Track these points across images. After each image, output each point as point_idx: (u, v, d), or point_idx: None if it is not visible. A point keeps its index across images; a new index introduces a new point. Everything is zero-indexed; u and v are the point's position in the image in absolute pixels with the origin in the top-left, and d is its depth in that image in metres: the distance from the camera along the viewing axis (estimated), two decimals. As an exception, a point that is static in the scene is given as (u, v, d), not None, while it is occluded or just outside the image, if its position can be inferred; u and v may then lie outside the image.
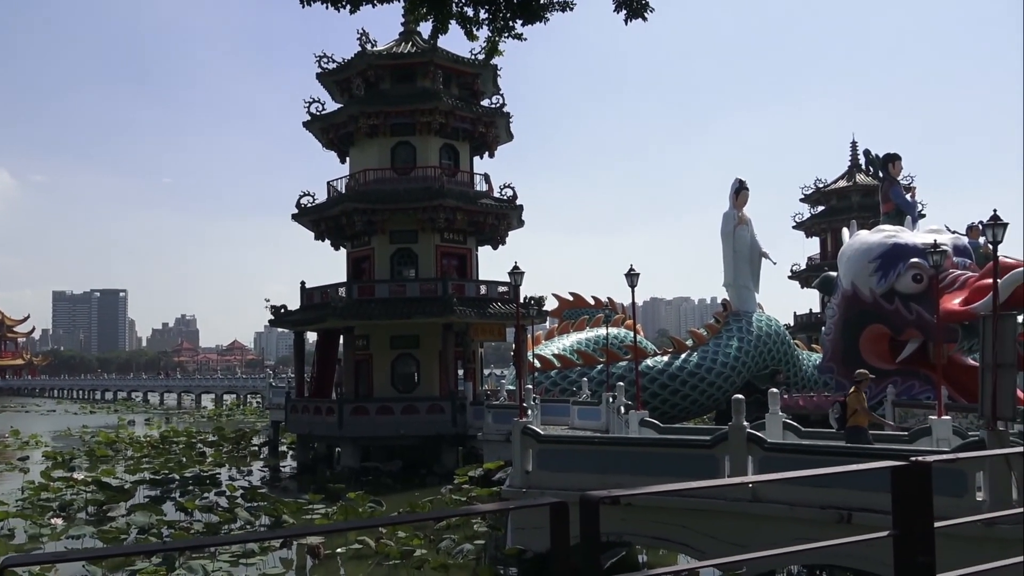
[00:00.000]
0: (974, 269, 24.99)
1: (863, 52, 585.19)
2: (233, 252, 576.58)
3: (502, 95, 38.21)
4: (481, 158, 39.53)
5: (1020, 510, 10.82)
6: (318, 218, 36.93)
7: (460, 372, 36.58)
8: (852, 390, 15.93)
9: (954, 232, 27.61)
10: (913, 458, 3.86)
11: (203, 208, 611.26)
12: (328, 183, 38.14)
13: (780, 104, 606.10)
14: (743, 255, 34.57)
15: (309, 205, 37.35)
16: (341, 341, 36.97)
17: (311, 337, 43.43)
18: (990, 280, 16.09)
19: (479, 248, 38.86)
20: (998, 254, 16.55)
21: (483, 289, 36.01)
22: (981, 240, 21.60)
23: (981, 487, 11.71)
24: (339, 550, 17.99)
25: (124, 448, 40.73)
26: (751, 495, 13.47)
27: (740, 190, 34.80)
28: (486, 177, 38.40)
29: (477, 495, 23.98)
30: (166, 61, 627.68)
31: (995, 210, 16.01)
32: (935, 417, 17.54)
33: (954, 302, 23.61)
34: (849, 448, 14.33)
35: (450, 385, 34.19)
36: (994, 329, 12.17)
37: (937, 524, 3.83)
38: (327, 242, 38.23)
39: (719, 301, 39.16)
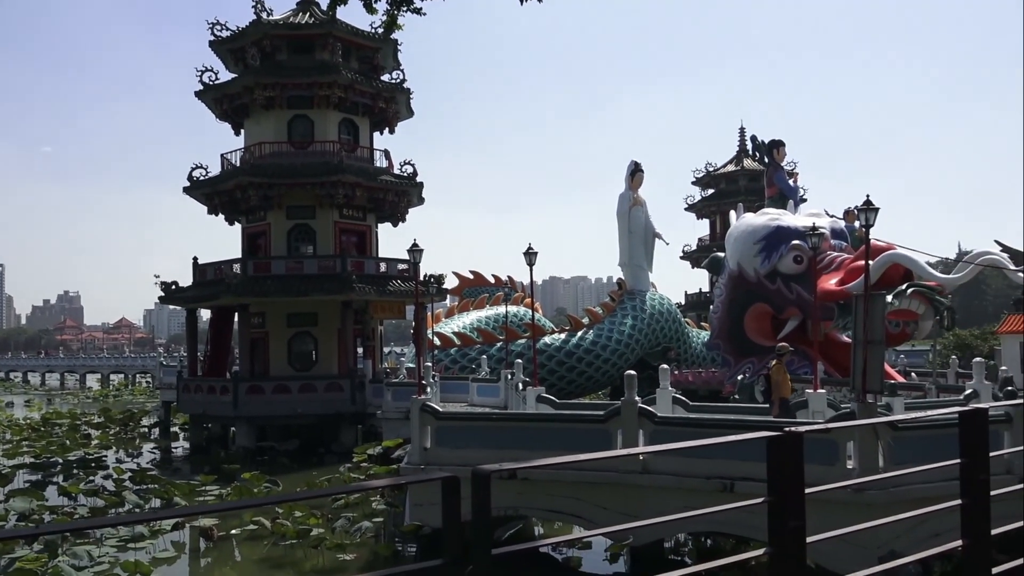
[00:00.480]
0: (850, 251, 26.45)
1: (753, 40, 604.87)
2: (121, 226, 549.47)
3: (402, 70, 37.83)
4: (381, 134, 39.12)
5: (886, 475, 11.73)
6: (211, 192, 35.80)
7: (359, 350, 36.33)
8: (775, 363, 16.63)
9: (832, 216, 29.08)
10: (787, 429, 4.08)
11: (88, 179, 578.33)
12: (222, 156, 36.98)
13: (674, 89, 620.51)
14: (638, 235, 35.57)
15: (202, 178, 36.12)
16: (236, 319, 36.13)
17: (204, 315, 42.18)
18: (863, 262, 17.14)
19: (379, 225, 38.56)
20: (870, 237, 17.64)
21: (383, 266, 35.76)
22: (856, 224, 22.93)
23: (851, 456, 12.60)
24: (234, 531, 17.72)
25: (2, 431, 38.65)
26: (641, 467, 14.06)
27: (635, 172, 35.72)
28: (386, 153, 38.05)
29: (376, 473, 24.02)
30: (41, 20, 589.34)
31: (868, 196, 17.09)
32: (811, 391, 18.67)
33: (830, 282, 24.94)
34: (732, 421, 15.12)
35: (349, 363, 33.92)
36: (865, 308, 13.06)
37: (808, 490, 4.08)
38: (221, 217, 37.16)
39: (615, 280, 40.17)
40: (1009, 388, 18.42)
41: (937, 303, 23.45)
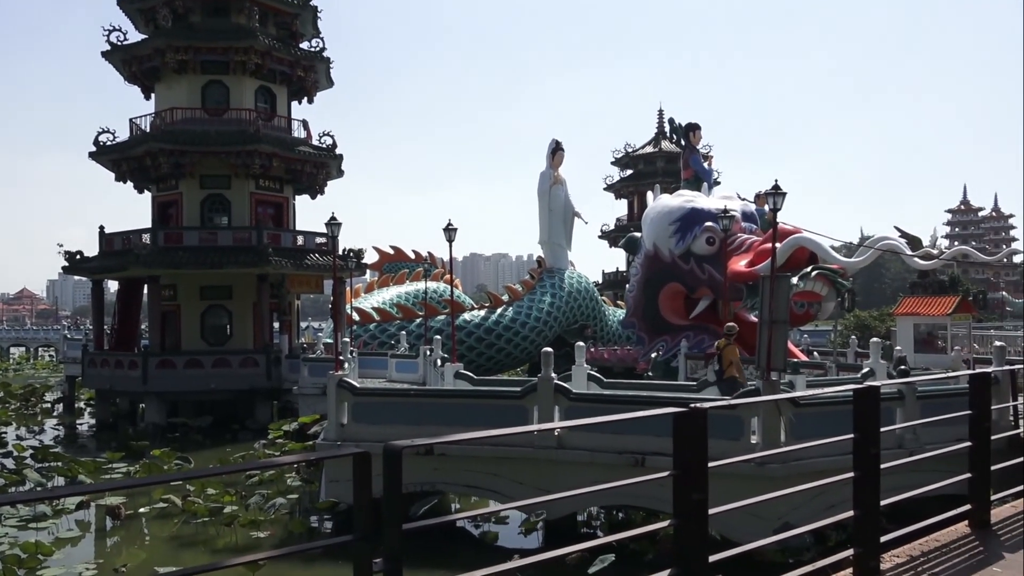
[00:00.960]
0: (759, 234, 27.35)
1: (673, 24, 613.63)
2: (22, 192, 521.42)
3: (322, 39, 37.09)
4: (300, 103, 38.29)
5: (787, 449, 12.30)
6: (119, 158, 34.46)
7: (276, 324, 35.74)
8: (726, 344, 17.03)
9: (743, 199, 30.00)
10: (692, 405, 4.21)
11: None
12: (131, 120, 35.55)
13: (596, 69, 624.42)
14: (558, 214, 35.92)
15: (110, 143, 34.72)
16: (145, 291, 35.01)
17: (112, 286, 40.69)
18: (771, 244, 17.77)
19: (296, 197, 37.83)
20: (778, 221, 18.30)
21: (300, 239, 35.17)
22: (766, 207, 23.68)
23: (755, 431, 13.15)
24: (142, 510, 17.35)
25: None
26: (557, 443, 14.37)
27: (556, 151, 35.99)
28: (304, 124, 37.30)
29: (291, 449, 23.79)
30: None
31: (776, 180, 17.70)
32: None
33: (740, 264, 25.77)
34: (643, 397, 15.56)
35: (265, 338, 33.35)
36: (771, 289, 13.60)
37: (712, 464, 4.21)
38: (130, 185, 35.88)
39: (535, 258, 40.51)
40: (903, 367, 19.47)
41: (839, 285, 24.53)
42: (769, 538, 5.46)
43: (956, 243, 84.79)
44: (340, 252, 33.89)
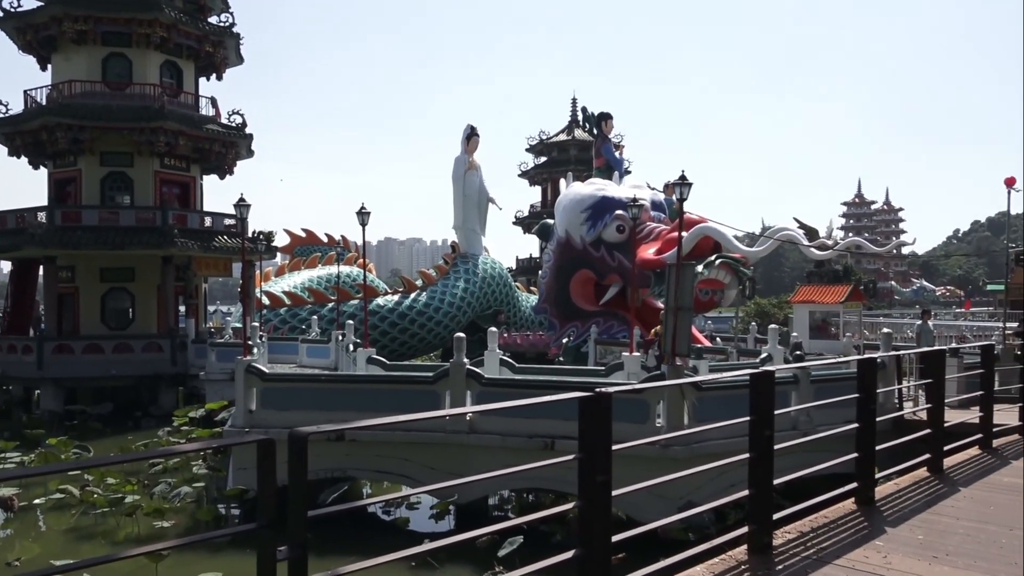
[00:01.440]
0: (667, 223, 28.04)
1: (588, 13, 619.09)
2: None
3: (232, 14, 36.04)
4: (208, 80, 37.12)
5: (689, 431, 12.75)
6: (13, 131, 32.76)
7: (181, 308, 34.69)
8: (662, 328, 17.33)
9: (653, 189, 30.67)
10: (597, 390, 4.34)
11: None
12: (25, 92, 33.86)
13: (513, 57, 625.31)
14: (472, 199, 35.96)
15: (2, 116, 32.94)
16: (41, 272, 33.43)
17: (5, 267, 38.71)
18: (677, 233, 18.27)
19: (204, 177, 36.73)
20: (683, 210, 18.82)
21: (208, 221, 34.18)
22: (674, 197, 24.25)
23: (661, 414, 13.58)
24: (37, 501, 16.68)
25: None
26: (468, 427, 14.51)
27: (471, 136, 35.98)
28: (213, 101, 36.18)
29: (198, 437, 23.21)
30: None
31: (683, 171, 18.20)
32: (627, 353, 19.82)
33: (649, 252, 26.37)
34: (554, 382, 15.85)
35: (170, 322, 32.36)
36: (677, 277, 14.04)
37: (616, 447, 4.36)
38: (24, 160, 34.12)
39: (449, 243, 40.49)
40: (798, 352, 20.39)
41: (741, 274, 25.41)
42: (672, 517, 5.70)
43: (850, 234, 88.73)
44: (249, 234, 33.12)
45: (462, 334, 16.16)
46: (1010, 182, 17.84)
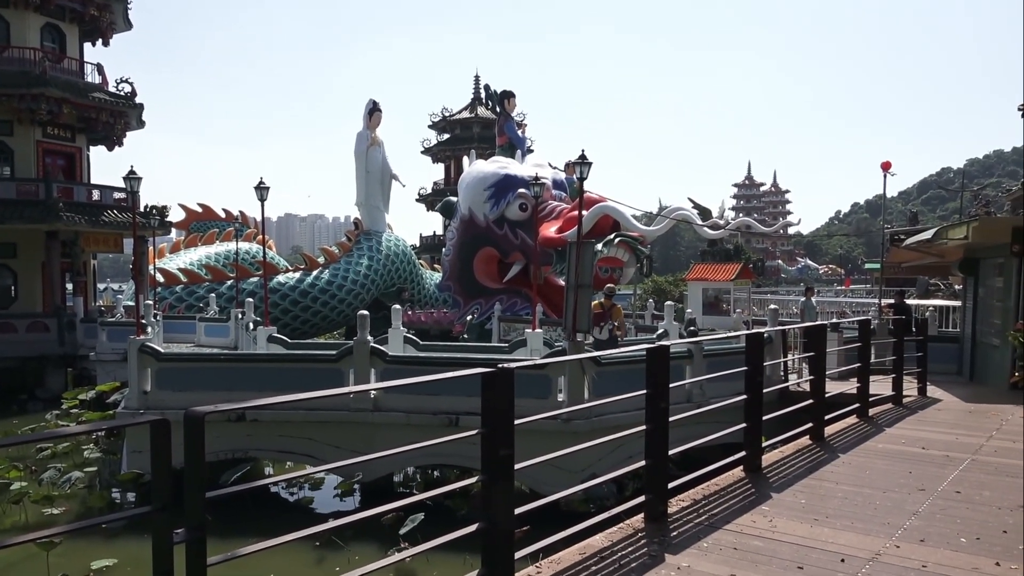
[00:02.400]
0: (568, 202, 28.48)
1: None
2: None
3: (117, -25, 34.26)
4: (93, 45, 35.39)
5: (589, 405, 13.09)
6: None
7: (69, 286, 33.07)
8: (595, 304, 17.36)
9: (555, 168, 31.03)
10: (499, 366, 4.39)
11: None
12: None
13: (417, 32, 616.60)
14: (375, 176, 35.51)
15: None
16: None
17: None
18: (578, 212, 18.58)
19: (92, 148, 35.05)
20: (584, 189, 19.15)
21: (96, 194, 32.66)
22: (575, 176, 24.66)
23: (562, 389, 13.89)
24: (-94, 491, 15.73)
25: None
26: (373, 405, 14.49)
27: (373, 111, 35.46)
28: (99, 68, 34.49)
29: (89, 419, 22.29)
30: None
31: (583, 151, 18.51)
32: (530, 330, 20.12)
33: (550, 230, 26.75)
34: (458, 359, 15.96)
35: (56, 300, 30.85)
36: (578, 255, 14.31)
37: (518, 421, 4.43)
38: None
39: (351, 220, 39.91)
40: (692, 328, 21.14)
41: (639, 252, 26.08)
42: (573, 488, 5.90)
43: (741, 215, 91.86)
44: (141, 208, 31.81)
45: (366, 312, 16.07)
46: (886, 166, 18.88)
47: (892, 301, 19.57)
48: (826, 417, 9.49)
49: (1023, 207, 23.01)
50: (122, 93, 33.96)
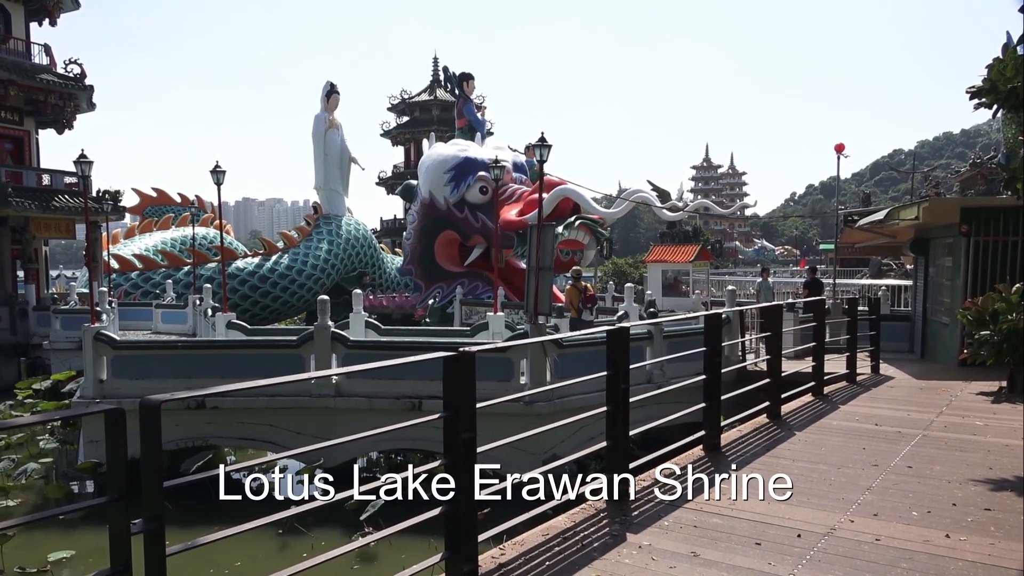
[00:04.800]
0: (529, 184, 28.47)
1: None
2: None
3: (63, -50, 33.29)
4: (40, 25, 34.26)
5: (551, 387, 13.17)
6: None
7: (20, 274, 32.29)
8: (569, 287, 17.51)
9: (515, 150, 30.98)
10: (461, 349, 4.38)
11: None
12: None
13: (374, 10, 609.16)
14: (333, 159, 35.15)
15: None
16: None
17: None
18: (538, 195, 18.61)
19: (40, 132, 34.11)
20: (544, 172, 19.18)
21: (46, 179, 31.88)
22: (535, 159, 24.69)
23: (524, 372, 13.95)
24: None
25: None
26: (334, 391, 14.42)
27: (331, 93, 35.05)
28: (47, 48, 33.52)
29: (43, 410, 21.85)
30: None
31: (543, 133, 18.52)
32: (492, 313, 20.15)
33: (511, 213, 26.73)
34: (419, 343, 15.94)
35: (7, 288, 30.12)
36: (538, 237, 14.34)
37: (480, 404, 4.44)
38: None
39: (311, 204, 39.49)
40: (652, 309, 21.34)
41: (599, 234, 26.23)
42: (535, 471, 5.94)
43: (699, 197, 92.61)
44: (94, 193, 31.13)
45: (326, 296, 15.97)
46: (839, 148, 19.23)
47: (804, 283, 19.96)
48: (783, 396, 9.66)
49: (972, 188, 23.57)
50: (71, 75, 33.10)
